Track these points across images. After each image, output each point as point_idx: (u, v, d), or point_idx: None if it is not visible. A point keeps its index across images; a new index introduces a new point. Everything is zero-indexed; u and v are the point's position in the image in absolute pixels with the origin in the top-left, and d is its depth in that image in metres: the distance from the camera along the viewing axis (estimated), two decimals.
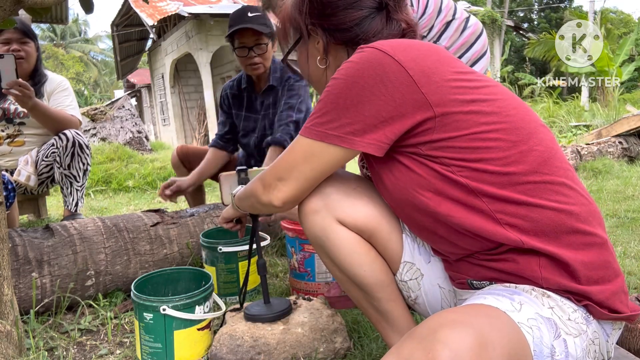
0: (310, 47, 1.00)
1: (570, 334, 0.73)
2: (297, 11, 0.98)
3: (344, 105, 0.83)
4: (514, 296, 0.74)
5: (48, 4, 1.24)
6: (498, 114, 0.81)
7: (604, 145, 4.87)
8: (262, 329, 1.24)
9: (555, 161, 0.82)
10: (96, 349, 1.39)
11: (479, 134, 0.80)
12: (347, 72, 0.84)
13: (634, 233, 2.37)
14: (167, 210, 2.00)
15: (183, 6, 10.59)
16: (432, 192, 0.83)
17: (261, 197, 0.95)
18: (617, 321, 0.82)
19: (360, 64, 0.83)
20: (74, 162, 2.37)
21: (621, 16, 24.64)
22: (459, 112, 0.80)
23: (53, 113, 2.33)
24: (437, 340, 0.59)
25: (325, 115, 0.85)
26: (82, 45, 32.00)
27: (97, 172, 4.55)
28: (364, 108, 0.82)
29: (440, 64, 0.83)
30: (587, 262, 0.78)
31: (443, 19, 1.62)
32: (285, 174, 0.90)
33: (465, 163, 0.80)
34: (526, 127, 0.82)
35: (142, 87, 18.84)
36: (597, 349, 0.78)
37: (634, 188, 3.49)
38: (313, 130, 0.86)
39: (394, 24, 0.94)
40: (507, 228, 0.79)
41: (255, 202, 0.98)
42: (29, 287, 1.52)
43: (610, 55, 10.39)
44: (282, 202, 0.92)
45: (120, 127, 7.21)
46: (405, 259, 1.02)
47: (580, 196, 0.82)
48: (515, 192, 0.79)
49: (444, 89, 0.80)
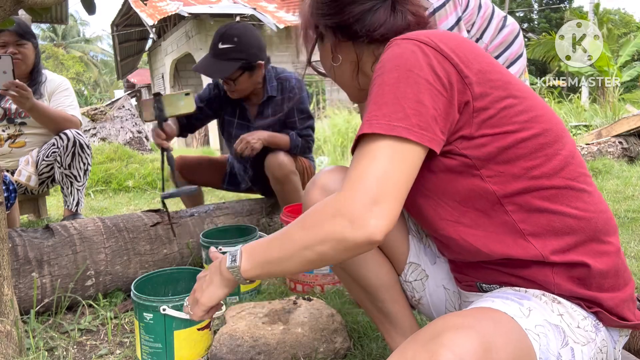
0: (325, 47, 0.98)
1: (578, 342, 0.72)
2: (309, 13, 0.97)
3: (404, 99, 0.73)
4: (522, 301, 0.74)
5: (48, 4, 1.24)
6: (528, 113, 0.79)
7: (604, 145, 4.87)
8: (262, 329, 1.25)
9: (576, 166, 0.81)
10: (96, 349, 1.39)
11: (511, 133, 0.77)
12: (392, 63, 0.76)
13: (634, 233, 2.37)
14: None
15: (183, 6, 10.59)
16: (457, 202, 0.82)
17: (352, 236, 0.68)
18: (624, 329, 0.82)
19: (406, 56, 0.76)
20: (74, 161, 2.37)
21: (620, 15, 24.64)
22: (494, 107, 0.78)
23: (52, 113, 2.33)
24: (440, 343, 0.58)
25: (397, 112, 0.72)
26: (82, 45, 32.00)
27: (97, 172, 4.55)
28: (424, 99, 0.73)
29: (475, 55, 0.80)
30: (601, 270, 0.78)
31: (483, 15, 1.58)
32: (380, 192, 0.68)
33: (495, 166, 0.78)
34: (554, 129, 0.80)
35: (142, 87, 18.85)
36: (604, 357, 0.78)
37: (634, 188, 3.49)
38: (391, 126, 0.71)
39: (399, 15, 0.90)
40: (529, 239, 0.78)
41: (339, 247, 0.70)
42: (29, 287, 1.52)
43: (610, 55, 10.38)
44: (386, 233, 0.68)
45: (120, 127, 7.20)
46: (410, 259, 1.01)
47: (599, 203, 0.81)
48: (539, 199, 0.78)
49: (482, 80, 0.78)
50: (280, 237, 0.77)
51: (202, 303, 0.86)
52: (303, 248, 0.73)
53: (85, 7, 1.50)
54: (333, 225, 0.69)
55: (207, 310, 0.87)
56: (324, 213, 0.71)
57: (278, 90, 2.20)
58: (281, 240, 0.77)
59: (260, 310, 1.35)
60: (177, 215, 1.97)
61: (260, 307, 1.37)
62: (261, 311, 1.35)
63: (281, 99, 2.20)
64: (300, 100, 2.19)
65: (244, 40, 2.03)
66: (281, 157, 2.10)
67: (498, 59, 1.61)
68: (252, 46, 2.05)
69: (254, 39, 2.08)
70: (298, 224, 0.75)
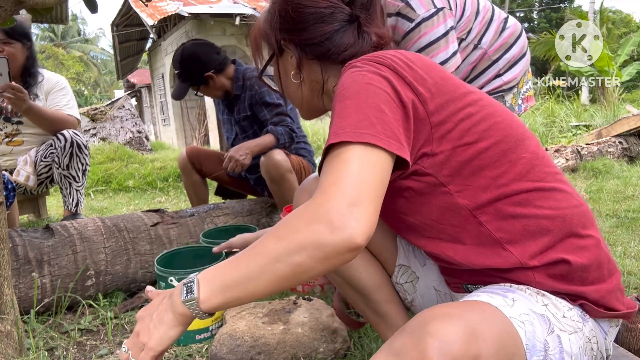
0: (284, 62, 0.97)
1: (564, 330, 0.73)
2: (269, 26, 0.95)
3: (367, 108, 0.73)
4: (507, 294, 0.75)
5: (50, 4, 1.24)
6: (487, 121, 0.80)
7: (604, 145, 4.87)
8: (262, 329, 1.25)
9: (542, 167, 0.81)
10: (96, 349, 1.39)
11: (471, 144, 0.78)
12: (351, 80, 0.77)
13: (634, 233, 2.37)
14: (167, 210, 2.00)
15: (183, 6, 10.59)
16: (434, 221, 0.83)
17: (331, 241, 0.62)
18: (614, 319, 0.82)
19: (362, 73, 0.78)
20: (72, 162, 2.37)
21: (622, 15, 24.63)
22: (451, 120, 0.78)
23: (49, 115, 2.32)
24: (427, 332, 0.59)
25: (361, 122, 0.71)
26: (82, 45, 32.00)
27: (97, 172, 4.55)
28: (385, 109, 0.73)
29: (428, 70, 0.81)
30: (582, 264, 0.78)
31: (482, 21, 1.58)
32: (357, 194, 0.64)
33: (461, 180, 0.79)
34: (514, 134, 0.81)
35: (142, 87, 18.85)
36: (594, 347, 0.78)
37: (634, 188, 3.49)
38: (358, 133, 0.69)
39: (366, 37, 0.91)
40: (507, 247, 0.79)
41: (317, 255, 0.63)
42: (29, 287, 1.52)
43: (610, 55, 10.38)
44: (367, 236, 0.64)
45: (120, 127, 7.20)
46: (399, 261, 1.02)
47: (572, 198, 0.82)
48: (510, 205, 0.79)
49: (437, 94, 0.79)
50: (248, 253, 0.68)
51: (151, 348, 0.70)
52: (274, 261, 0.64)
53: (87, 6, 1.50)
54: (310, 232, 0.63)
55: (156, 355, 0.70)
56: (299, 220, 0.65)
57: (243, 88, 2.35)
58: (248, 256, 0.67)
59: (260, 310, 1.35)
60: (177, 215, 1.97)
61: (260, 307, 1.37)
62: (261, 311, 1.35)
63: (244, 97, 2.36)
64: (260, 94, 2.30)
65: (186, 65, 2.27)
66: (276, 157, 2.12)
67: (498, 61, 1.60)
68: (193, 66, 2.27)
69: (194, 58, 2.28)
70: (270, 235, 0.67)
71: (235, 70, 2.37)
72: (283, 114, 2.29)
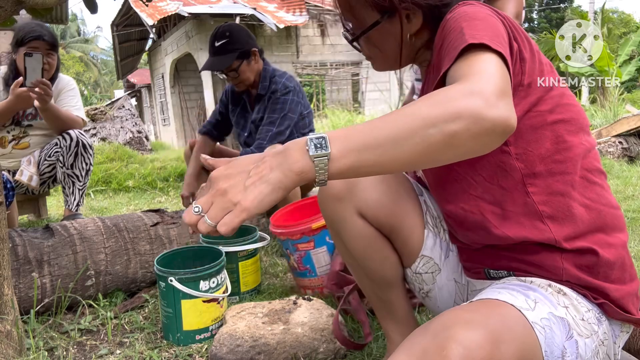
0: (394, 25, 0.88)
1: (582, 335, 0.74)
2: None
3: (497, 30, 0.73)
4: (528, 292, 0.75)
5: (49, 4, 1.24)
6: (562, 98, 0.82)
7: (604, 145, 4.87)
8: (262, 329, 1.25)
9: (593, 160, 0.84)
10: (96, 349, 1.39)
11: (543, 113, 0.79)
12: (478, 9, 0.77)
13: (634, 233, 2.37)
14: (167, 210, 2.00)
15: (183, 6, 10.59)
16: (483, 178, 0.83)
17: (489, 114, 0.59)
18: (626, 324, 0.83)
19: (483, 8, 0.78)
20: (77, 161, 2.37)
21: (622, 15, 24.64)
22: (533, 86, 0.79)
23: (62, 114, 2.36)
24: (450, 337, 0.59)
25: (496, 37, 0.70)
26: (82, 45, 32.00)
27: (97, 172, 4.55)
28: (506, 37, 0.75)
29: (528, 40, 0.81)
30: (608, 260, 0.79)
31: None
32: (502, 86, 0.63)
33: (524, 144, 0.80)
34: (580, 121, 0.83)
35: (142, 87, 18.86)
36: (605, 350, 0.79)
37: (634, 188, 3.49)
38: (495, 43, 0.69)
39: None
40: (547, 222, 0.80)
41: (473, 127, 0.59)
42: (29, 287, 1.52)
43: (610, 55, 10.38)
44: (515, 125, 0.63)
45: (120, 127, 7.20)
46: (423, 252, 1.02)
47: (610, 198, 0.84)
48: (561, 183, 0.80)
49: (530, 61, 0.79)
50: (393, 115, 0.62)
51: (246, 208, 0.59)
52: (430, 125, 0.59)
53: (87, 6, 1.50)
54: (469, 102, 0.60)
55: (247, 218, 0.60)
56: (453, 92, 0.61)
57: (267, 90, 2.33)
58: (394, 118, 0.61)
59: (260, 310, 1.35)
60: (177, 215, 1.97)
61: (260, 307, 1.37)
62: (261, 311, 1.35)
63: (265, 99, 2.33)
64: (273, 109, 2.26)
65: (235, 33, 2.26)
66: None
67: None
68: (243, 36, 2.27)
69: (243, 31, 2.30)
70: (422, 101, 0.62)
71: (264, 68, 2.35)
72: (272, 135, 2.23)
